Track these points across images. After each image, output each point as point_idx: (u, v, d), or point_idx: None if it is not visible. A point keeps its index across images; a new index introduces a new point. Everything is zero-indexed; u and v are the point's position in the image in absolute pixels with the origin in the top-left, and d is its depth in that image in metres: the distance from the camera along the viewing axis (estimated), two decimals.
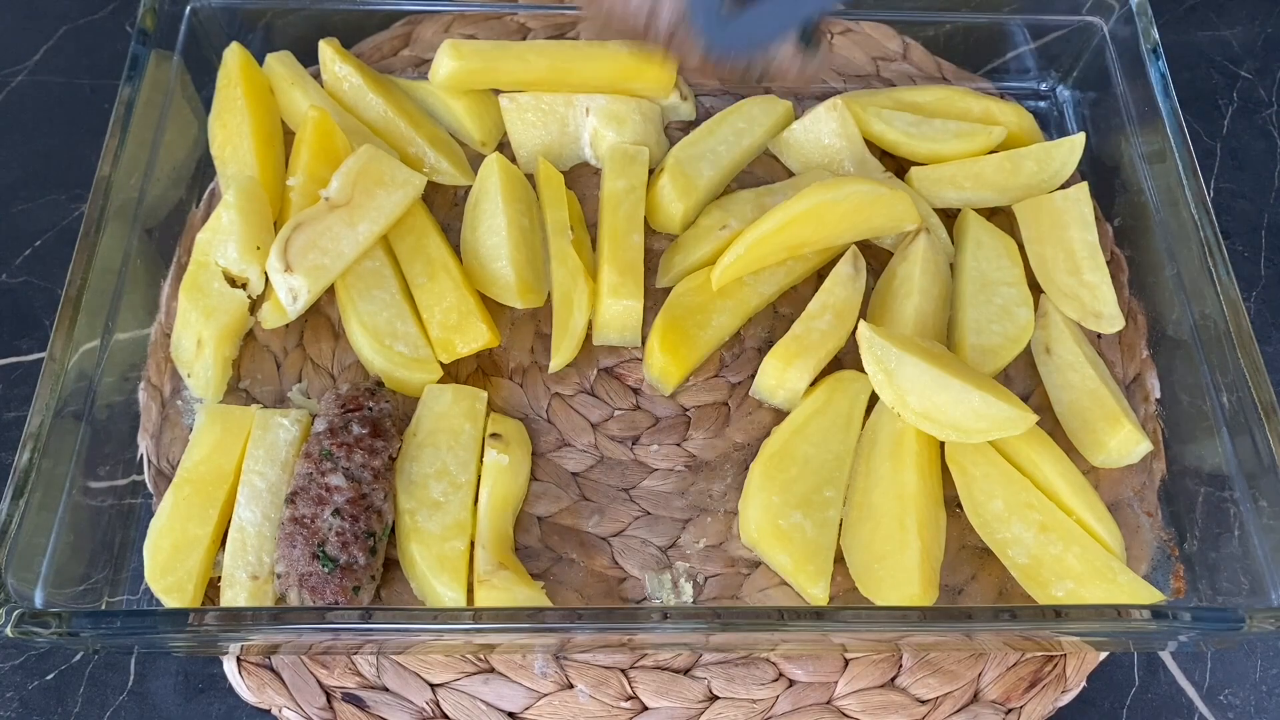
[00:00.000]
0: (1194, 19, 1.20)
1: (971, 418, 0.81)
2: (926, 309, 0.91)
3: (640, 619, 0.73)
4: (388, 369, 0.89)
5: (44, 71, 1.12)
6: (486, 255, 0.93)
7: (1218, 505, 0.84)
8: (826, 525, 0.83)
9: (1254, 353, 0.83)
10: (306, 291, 0.88)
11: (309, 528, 0.78)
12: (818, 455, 0.85)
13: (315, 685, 0.80)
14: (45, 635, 0.70)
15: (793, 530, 0.82)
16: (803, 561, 0.81)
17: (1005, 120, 1.03)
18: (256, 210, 0.91)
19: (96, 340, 0.85)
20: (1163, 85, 0.96)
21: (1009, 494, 0.83)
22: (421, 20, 1.10)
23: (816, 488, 0.84)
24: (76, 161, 1.05)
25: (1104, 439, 0.87)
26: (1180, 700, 0.84)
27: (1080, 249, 0.96)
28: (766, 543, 0.82)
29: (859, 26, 1.12)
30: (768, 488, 0.83)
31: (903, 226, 0.94)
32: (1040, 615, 0.73)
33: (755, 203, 0.97)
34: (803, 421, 0.87)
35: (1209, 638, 0.76)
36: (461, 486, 0.83)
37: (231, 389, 0.90)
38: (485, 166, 0.96)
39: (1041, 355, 0.93)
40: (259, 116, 0.97)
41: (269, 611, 0.73)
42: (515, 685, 0.81)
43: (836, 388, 0.88)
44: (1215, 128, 1.13)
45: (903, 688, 0.82)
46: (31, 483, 0.76)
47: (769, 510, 0.82)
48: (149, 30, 0.96)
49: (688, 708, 0.81)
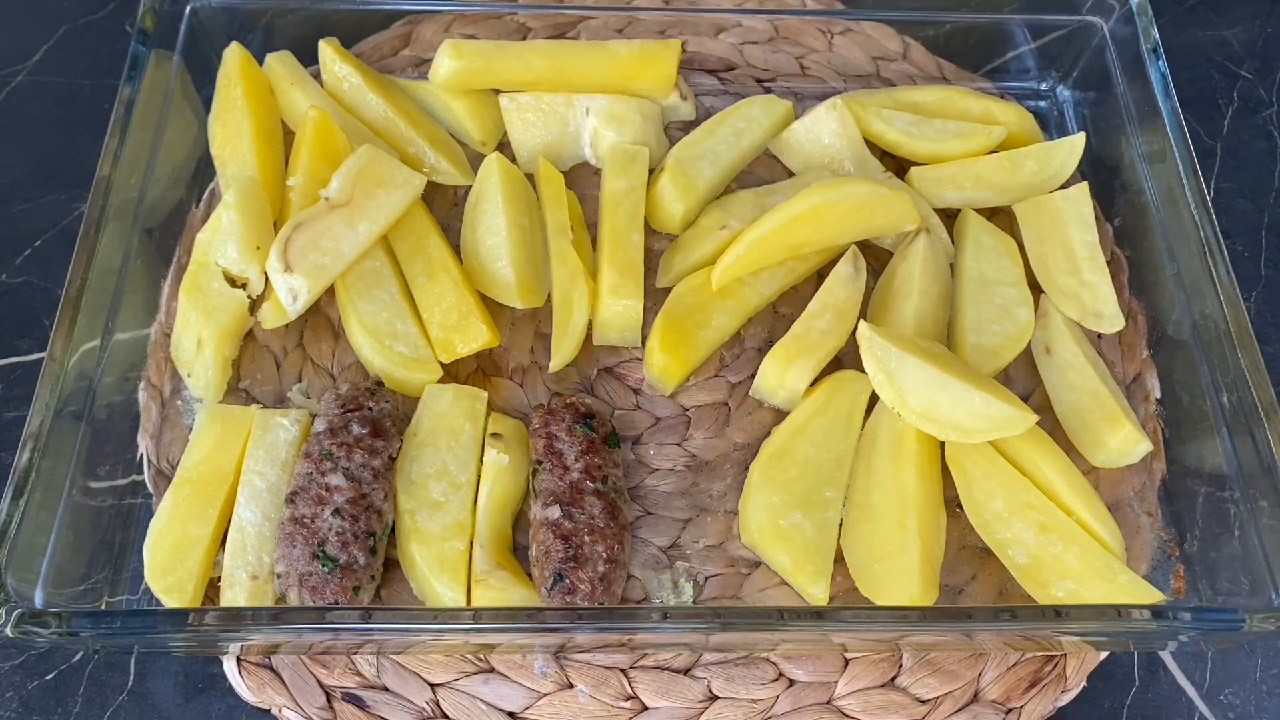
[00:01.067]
0: (1194, 19, 1.20)
1: (972, 418, 0.81)
2: (926, 309, 0.91)
3: (640, 619, 0.73)
4: (388, 369, 0.89)
5: (44, 71, 1.12)
6: (486, 255, 0.93)
7: (1218, 505, 0.84)
8: (827, 525, 0.83)
9: (1254, 353, 0.83)
10: (306, 291, 0.88)
11: (309, 528, 0.78)
12: (818, 455, 0.85)
13: (315, 685, 0.80)
14: (45, 635, 0.70)
15: (792, 530, 0.82)
16: (803, 562, 0.81)
17: (1005, 120, 1.03)
18: (256, 210, 0.91)
19: (96, 340, 0.85)
20: (1163, 85, 0.96)
21: (1009, 494, 0.83)
22: (421, 20, 1.10)
23: (817, 488, 0.84)
24: (76, 161, 1.04)
25: (1104, 439, 0.87)
26: (1180, 700, 0.84)
27: (1080, 249, 0.96)
28: (766, 543, 0.82)
29: (859, 26, 1.12)
30: (768, 488, 0.83)
31: (903, 226, 0.94)
32: (1040, 615, 0.73)
33: (755, 203, 0.97)
34: (803, 421, 0.87)
35: (1209, 638, 0.76)
36: (461, 486, 0.83)
37: (231, 389, 0.90)
38: (485, 166, 0.96)
39: (1041, 355, 0.93)
40: (259, 116, 0.97)
41: (269, 611, 0.73)
42: (515, 685, 0.81)
43: (837, 388, 0.88)
44: (1215, 128, 1.13)
45: (903, 688, 0.82)
46: (31, 483, 0.76)
47: (769, 510, 0.82)
48: (149, 30, 0.96)
49: (688, 708, 0.81)
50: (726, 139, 1.01)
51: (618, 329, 0.92)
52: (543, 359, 0.93)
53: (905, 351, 0.82)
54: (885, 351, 0.82)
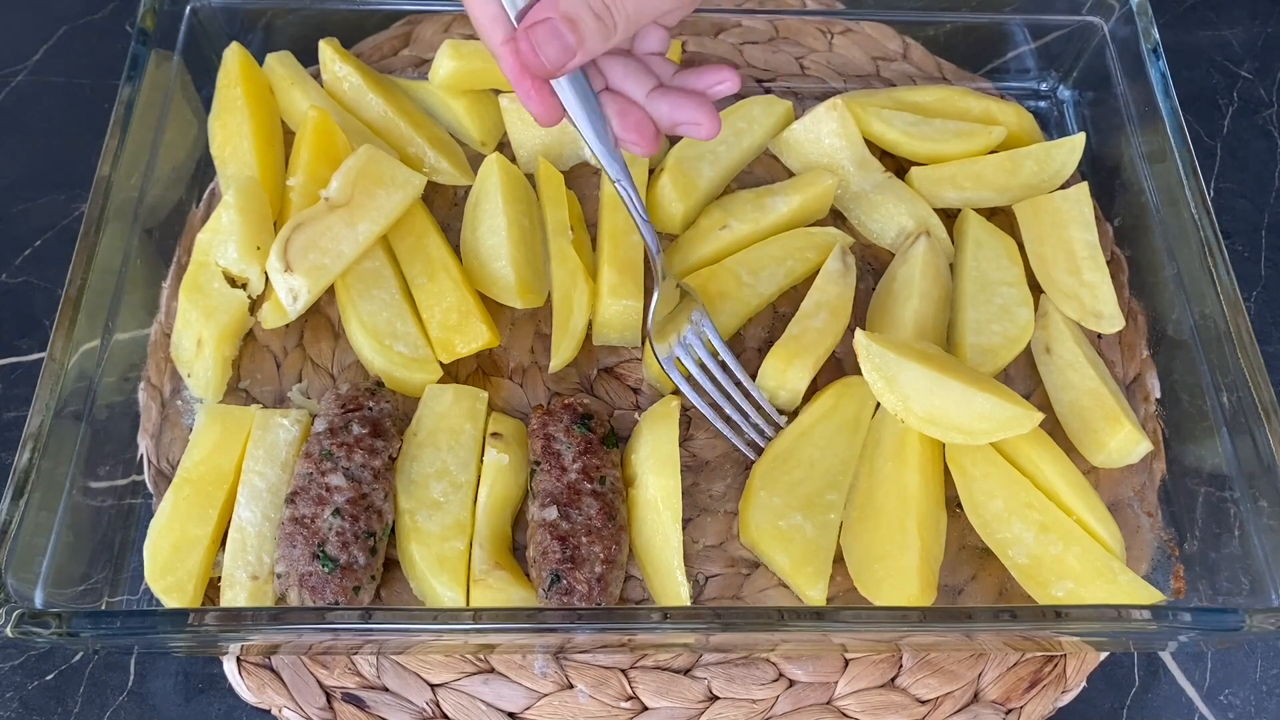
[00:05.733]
0: (1194, 19, 1.20)
1: (976, 420, 0.81)
2: (926, 312, 0.91)
3: (640, 619, 0.73)
4: (388, 369, 0.89)
5: (44, 71, 1.11)
6: (486, 255, 0.93)
7: (1218, 505, 0.84)
8: (827, 528, 0.83)
9: (1254, 353, 0.83)
10: (306, 291, 0.88)
11: (309, 528, 0.78)
12: (823, 459, 0.85)
13: (315, 685, 0.80)
14: (45, 635, 0.70)
15: (793, 531, 0.82)
16: (801, 563, 0.81)
17: (1005, 120, 1.03)
18: (256, 210, 0.91)
19: (96, 340, 0.85)
20: (1163, 85, 0.96)
21: (1009, 494, 0.83)
22: (421, 20, 1.10)
23: (819, 491, 0.84)
24: (76, 161, 1.04)
25: (1104, 439, 0.87)
26: (1180, 700, 0.84)
27: (1080, 249, 0.96)
28: (766, 543, 0.82)
29: (859, 26, 1.12)
30: (770, 489, 0.83)
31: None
32: (1040, 615, 0.73)
33: (755, 203, 0.97)
34: (809, 425, 0.86)
35: (1209, 638, 0.76)
36: (462, 486, 0.83)
37: (231, 389, 0.90)
38: (485, 166, 0.96)
39: (1041, 355, 0.93)
40: (259, 116, 0.97)
41: (269, 611, 0.72)
42: (515, 685, 0.81)
43: (845, 392, 0.88)
44: (1215, 128, 1.13)
45: (903, 688, 0.82)
46: (31, 483, 0.76)
47: (770, 511, 0.82)
48: (149, 30, 0.96)
49: (688, 708, 0.81)
50: (726, 139, 1.00)
51: (618, 329, 0.92)
52: (543, 359, 0.93)
53: (905, 357, 0.82)
54: (884, 359, 0.82)
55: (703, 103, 0.74)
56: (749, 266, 0.94)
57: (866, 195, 0.99)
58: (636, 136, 0.74)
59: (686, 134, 0.75)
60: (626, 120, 0.74)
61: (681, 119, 0.74)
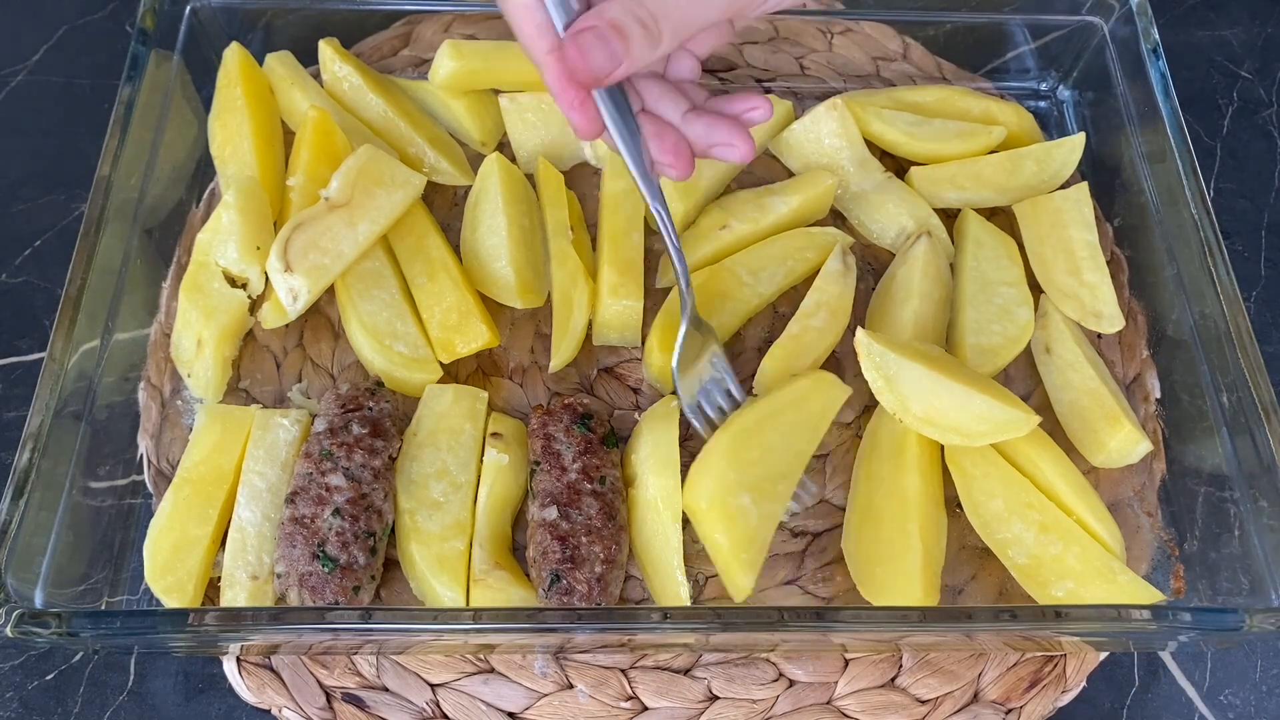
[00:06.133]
0: (1194, 19, 1.20)
1: (974, 421, 0.81)
2: (926, 312, 0.91)
3: (640, 619, 0.73)
4: (388, 369, 0.89)
5: (44, 71, 1.12)
6: (486, 255, 0.93)
7: (1218, 505, 0.84)
8: (769, 519, 0.80)
9: (1254, 353, 0.83)
10: (306, 291, 0.88)
11: (309, 528, 0.78)
12: (782, 446, 0.82)
13: (315, 685, 0.80)
14: (45, 635, 0.70)
15: (739, 512, 0.78)
16: (739, 548, 0.78)
17: (1005, 120, 1.03)
18: (256, 210, 0.91)
19: (96, 340, 0.85)
20: (1163, 85, 0.96)
21: (1009, 494, 0.83)
22: (421, 20, 1.10)
23: (771, 477, 0.81)
24: (76, 161, 1.04)
25: (1104, 439, 0.87)
26: (1180, 700, 0.84)
27: (1080, 249, 0.96)
28: (710, 516, 0.78)
29: (859, 26, 1.12)
30: (729, 460, 0.79)
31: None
32: (1040, 615, 0.73)
33: (755, 203, 0.97)
34: (779, 408, 0.83)
35: (1209, 638, 0.76)
36: (461, 486, 0.83)
37: (231, 389, 0.90)
38: (485, 166, 0.96)
39: (1041, 355, 0.93)
40: (259, 116, 0.97)
41: (269, 611, 0.72)
42: (515, 685, 0.81)
43: (817, 388, 0.85)
44: (1215, 128, 1.13)
45: (903, 688, 0.82)
46: (31, 483, 0.76)
47: (722, 483, 0.78)
48: (149, 30, 0.96)
49: (688, 708, 0.81)
50: None
51: (618, 329, 0.92)
52: (543, 359, 0.93)
53: (904, 357, 0.82)
54: (884, 358, 0.82)
55: (736, 125, 0.74)
56: (749, 266, 0.94)
57: (866, 195, 0.99)
58: (673, 159, 0.74)
59: (720, 156, 0.75)
60: (664, 143, 0.74)
61: (717, 140, 0.74)
